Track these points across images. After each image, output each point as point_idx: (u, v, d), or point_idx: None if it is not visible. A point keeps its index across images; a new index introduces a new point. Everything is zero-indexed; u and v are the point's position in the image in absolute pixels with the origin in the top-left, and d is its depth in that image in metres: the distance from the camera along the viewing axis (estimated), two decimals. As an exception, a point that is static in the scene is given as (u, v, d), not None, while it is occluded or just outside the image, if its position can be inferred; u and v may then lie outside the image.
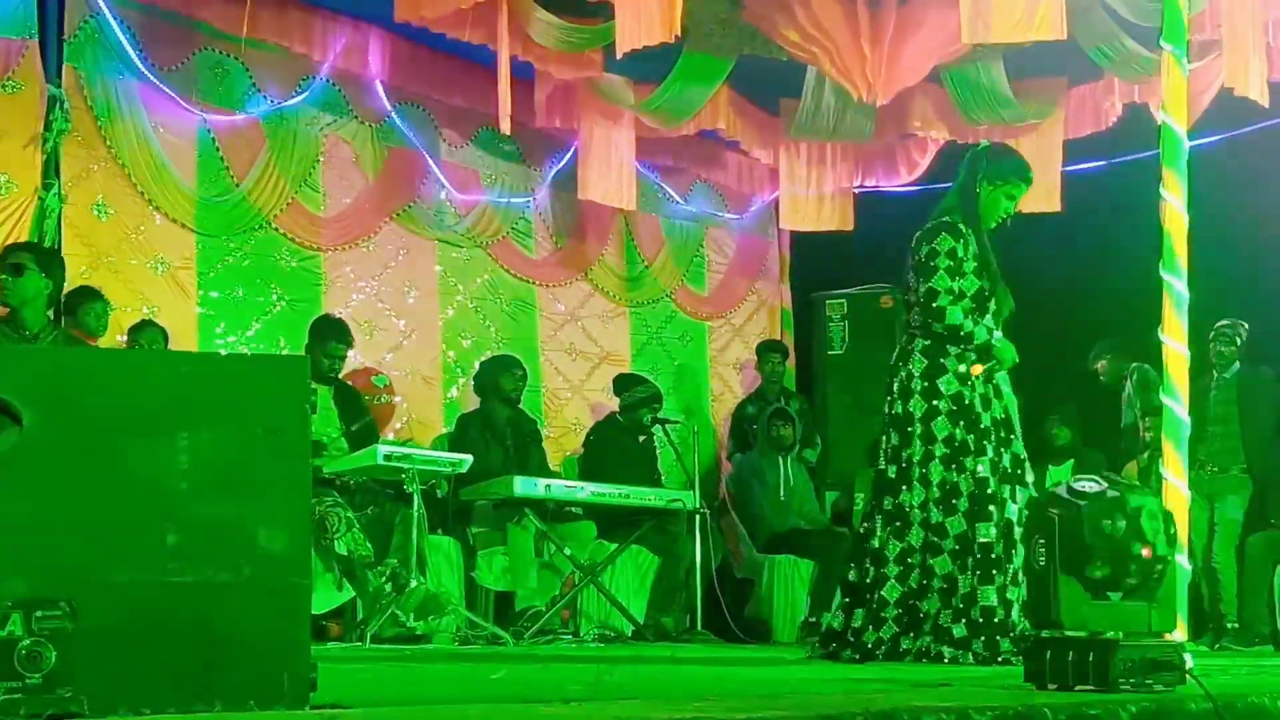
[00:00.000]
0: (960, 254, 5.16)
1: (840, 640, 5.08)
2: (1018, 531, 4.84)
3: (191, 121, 7.48)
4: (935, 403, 5.04)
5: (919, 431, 5.03)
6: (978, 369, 5.07)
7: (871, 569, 5.06)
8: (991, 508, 4.93)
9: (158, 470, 2.31)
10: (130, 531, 2.29)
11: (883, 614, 4.98)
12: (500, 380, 7.76)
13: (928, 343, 5.12)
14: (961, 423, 5.01)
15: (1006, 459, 5.06)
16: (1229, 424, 7.78)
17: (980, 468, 4.97)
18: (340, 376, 7.11)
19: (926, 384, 5.05)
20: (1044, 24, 6.29)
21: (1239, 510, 7.71)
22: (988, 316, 5.18)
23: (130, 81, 7.23)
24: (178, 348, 6.82)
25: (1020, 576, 4.81)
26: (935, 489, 4.99)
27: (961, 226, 5.21)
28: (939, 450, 5.00)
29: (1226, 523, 7.66)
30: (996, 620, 4.84)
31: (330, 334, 7.06)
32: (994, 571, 4.89)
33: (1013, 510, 4.97)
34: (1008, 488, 5.01)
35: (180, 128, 7.46)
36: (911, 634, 4.95)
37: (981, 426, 5.03)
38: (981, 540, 4.90)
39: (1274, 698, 3.00)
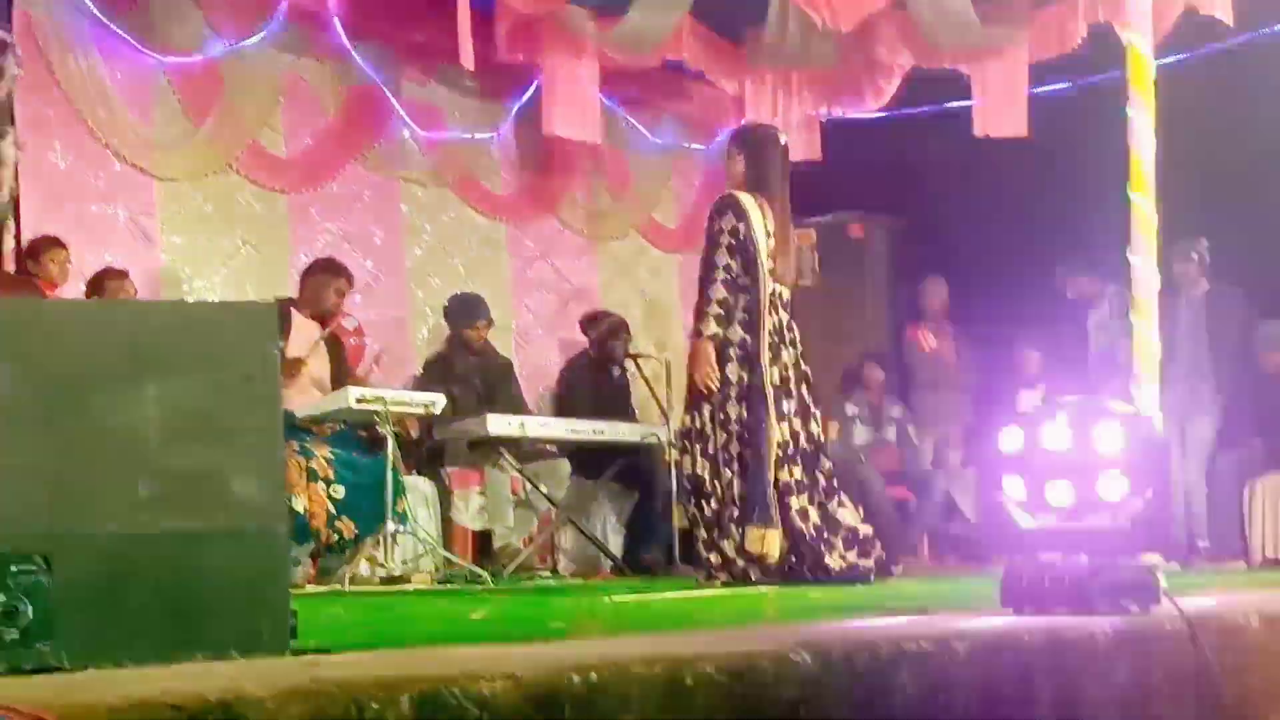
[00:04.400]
0: None
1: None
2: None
3: (147, 64, 7.37)
4: None
5: None
6: None
7: None
8: None
9: (128, 421, 2.29)
10: (102, 483, 2.27)
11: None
12: (462, 332, 7.71)
13: None
14: None
15: None
16: (1198, 344, 7.83)
17: None
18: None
19: None
20: (1008, -54, 6.25)
21: (1209, 430, 7.77)
22: None
23: (83, 24, 7.10)
24: (143, 296, 6.76)
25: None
26: None
27: None
28: None
29: (1196, 442, 7.73)
30: None
31: (337, 271, 7.05)
32: None
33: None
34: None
35: (136, 71, 7.34)
36: None
37: None
38: None
39: (1246, 615, 3.04)
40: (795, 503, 5.55)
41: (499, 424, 6.97)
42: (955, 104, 8.88)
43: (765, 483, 5.46)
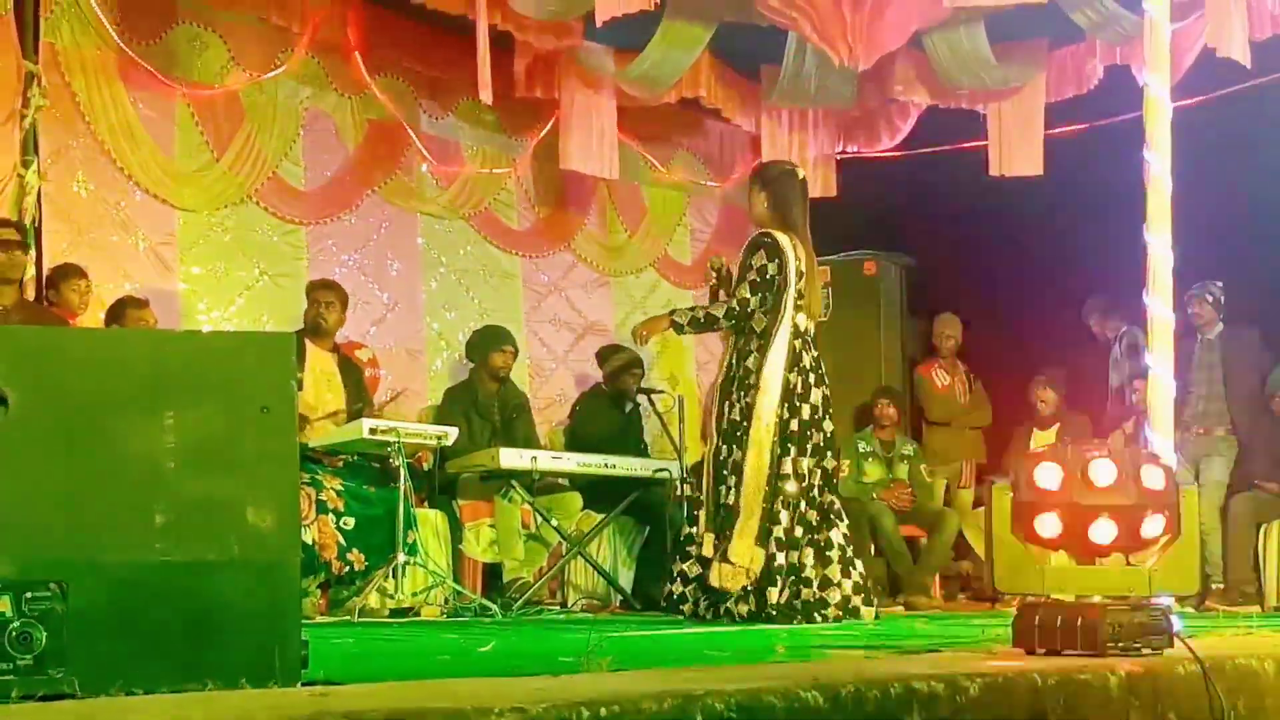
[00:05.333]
0: None
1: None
2: None
3: (170, 96, 7.43)
4: None
5: None
6: None
7: None
8: None
9: (144, 449, 2.30)
10: (118, 511, 2.28)
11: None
12: (490, 356, 7.73)
13: None
14: None
15: None
16: (1213, 386, 7.82)
17: None
18: (336, 342, 7.17)
19: None
20: (1026, -13, 6.27)
21: (1224, 472, 7.75)
22: None
23: (108, 56, 7.17)
24: (161, 325, 6.79)
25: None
26: None
27: None
28: None
29: (1211, 484, 7.71)
30: None
31: (318, 285, 7.18)
32: None
33: None
34: None
35: (159, 102, 7.40)
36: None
37: None
38: None
39: (1261, 659, 3.02)
40: (781, 535, 5.62)
41: (511, 457, 6.98)
42: (971, 143, 8.90)
43: (738, 514, 5.58)
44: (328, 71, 8.07)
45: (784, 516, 5.64)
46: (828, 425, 5.85)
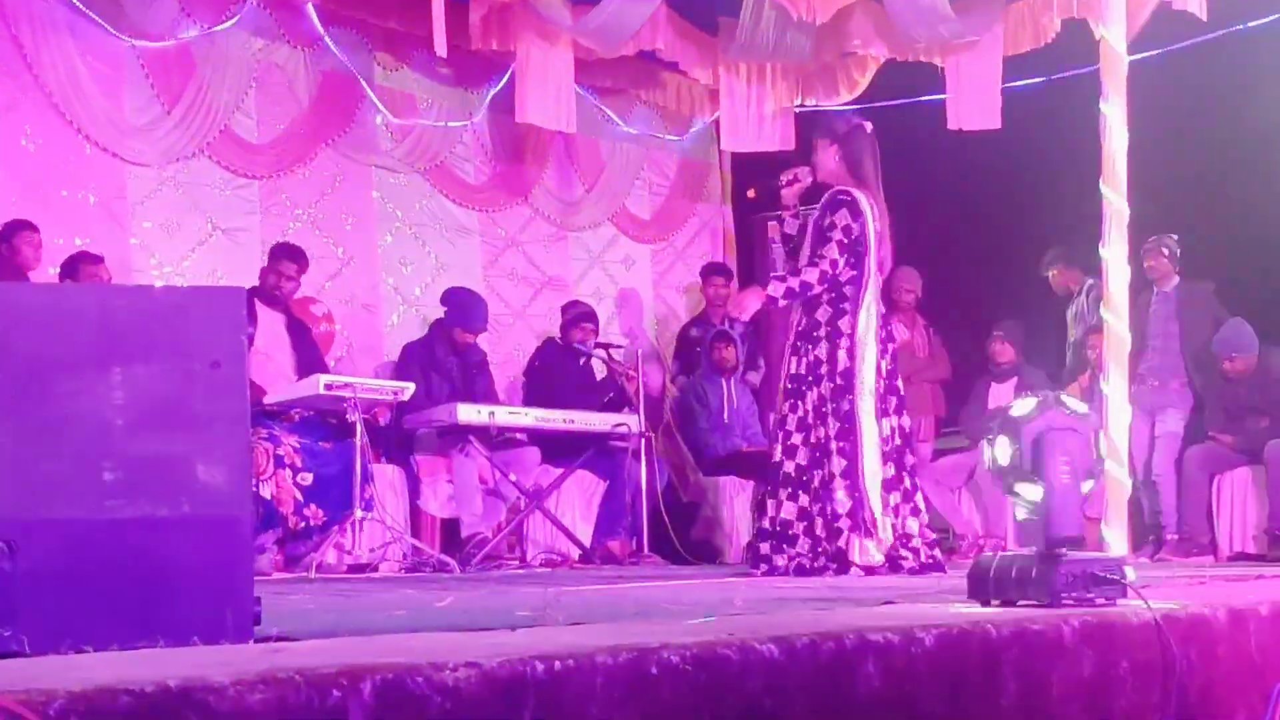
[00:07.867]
0: None
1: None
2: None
3: (119, 48, 7.32)
4: None
5: None
6: None
7: None
8: None
9: (93, 406, 2.26)
10: (66, 469, 2.25)
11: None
12: (456, 330, 7.63)
13: None
14: None
15: None
16: (1169, 338, 7.87)
17: None
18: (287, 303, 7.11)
19: None
20: (983, -61, 6.25)
21: (1179, 424, 7.82)
22: None
23: (55, 7, 7.05)
24: (114, 281, 6.72)
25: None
26: None
27: None
28: None
29: (1166, 436, 7.77)
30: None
31: (282, 254, 7.11)
32: None
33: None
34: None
35: (108, 54, 7.29)
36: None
37: None
38: None
39: (1213, 608, 3.05)
40: (892, 499, 5.51)
41: (469, 413, 6.96)
42: (928, 97, 8.89)
43: (863, 484, 5.38)
44: (280, 23, 7.97)
45: (892, 480, 5.51)
46: (900, 384, 5.71)
